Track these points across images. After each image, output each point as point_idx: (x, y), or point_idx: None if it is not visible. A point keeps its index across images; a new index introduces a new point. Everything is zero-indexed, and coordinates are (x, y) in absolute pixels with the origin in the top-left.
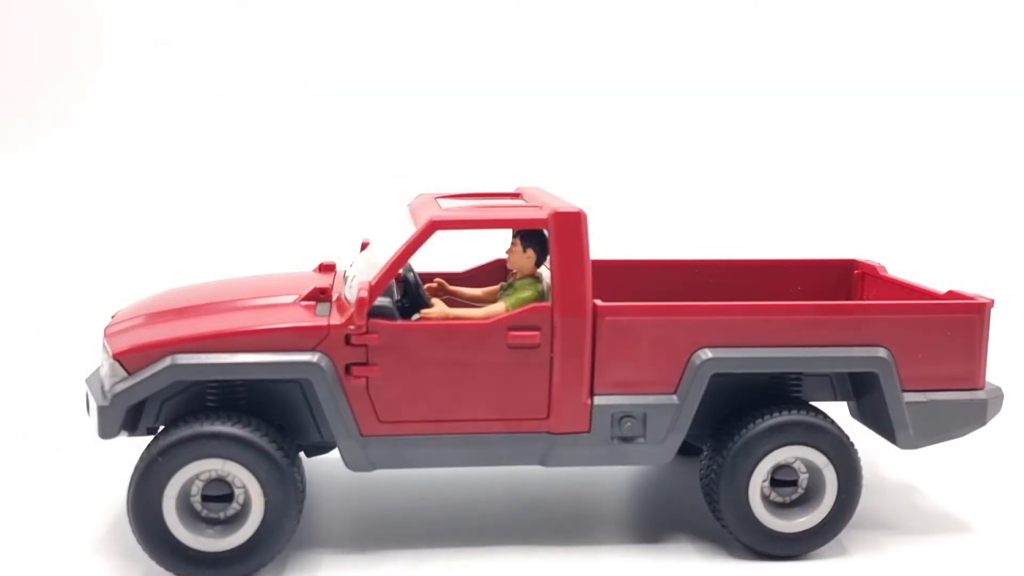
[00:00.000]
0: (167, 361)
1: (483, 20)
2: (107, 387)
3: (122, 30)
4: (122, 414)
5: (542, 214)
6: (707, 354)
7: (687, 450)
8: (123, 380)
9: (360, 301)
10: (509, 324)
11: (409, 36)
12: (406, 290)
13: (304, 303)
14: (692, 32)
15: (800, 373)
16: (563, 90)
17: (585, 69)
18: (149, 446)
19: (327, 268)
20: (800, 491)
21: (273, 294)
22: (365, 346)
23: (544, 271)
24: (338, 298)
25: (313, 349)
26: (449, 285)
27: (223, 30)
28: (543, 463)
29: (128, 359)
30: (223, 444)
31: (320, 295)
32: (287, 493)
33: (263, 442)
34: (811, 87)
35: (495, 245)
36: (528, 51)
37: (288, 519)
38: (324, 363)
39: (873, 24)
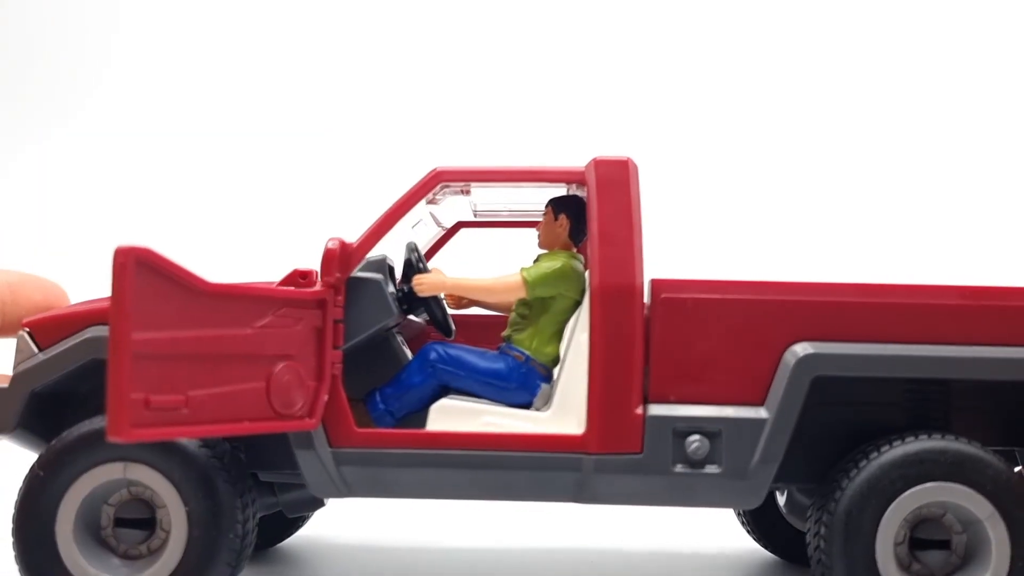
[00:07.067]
0: (87, 333)
1: (482, 36)
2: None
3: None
4: (23, 399)
5: (578, 167)
6: (805, 349)
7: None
8: (31, 357)
9: (328, 253)
10: None
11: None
12: (407, 272)
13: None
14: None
15: (944, 389)
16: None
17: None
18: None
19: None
20: (954, 557)
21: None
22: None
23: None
24: None
25: None
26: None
27: (219, 40)
28: (577, 499)
29: (40, 330)
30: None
31: (300, 279)
32: (217, 518)
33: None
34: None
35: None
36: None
37: (218, 559)
38: None
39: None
